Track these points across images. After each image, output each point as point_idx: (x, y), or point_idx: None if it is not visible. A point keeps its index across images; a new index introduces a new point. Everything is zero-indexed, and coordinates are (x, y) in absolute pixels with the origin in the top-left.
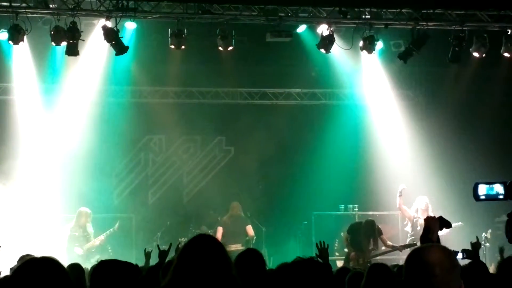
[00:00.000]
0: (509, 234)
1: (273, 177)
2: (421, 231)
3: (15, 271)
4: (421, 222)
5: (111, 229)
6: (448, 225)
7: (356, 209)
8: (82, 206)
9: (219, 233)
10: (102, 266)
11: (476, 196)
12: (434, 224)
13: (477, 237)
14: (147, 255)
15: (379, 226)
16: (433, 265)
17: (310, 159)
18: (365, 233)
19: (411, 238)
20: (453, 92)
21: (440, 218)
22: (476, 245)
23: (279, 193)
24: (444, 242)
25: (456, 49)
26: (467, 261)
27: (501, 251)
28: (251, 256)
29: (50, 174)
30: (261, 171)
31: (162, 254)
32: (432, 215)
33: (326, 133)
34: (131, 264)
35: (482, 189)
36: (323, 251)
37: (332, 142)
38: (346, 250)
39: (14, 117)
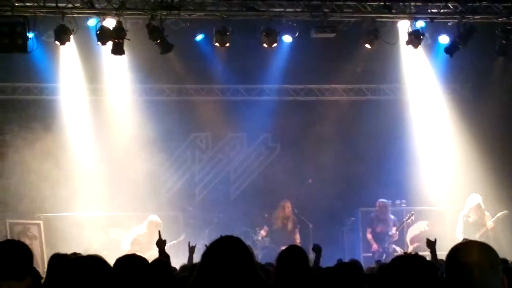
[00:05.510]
0: None
1: (319, 173)
2: (470, 229)
3: (62, 269)
4: (471, 220)
5: (176, 240)
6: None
7: (404, 205)
8: (151, 214)
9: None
10: (125, 259)
11: None
12: None
13: None
14: (191, 250)
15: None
16: (471, 266)
17: (357, 155)
18: None
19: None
20: (500, 85)
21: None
22: None
23: (325, 189)
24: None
25: (503, 42)
26: None
27: None
28: (294, 253)
29: (99, 175)
30: (307, 168)
31: None
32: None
33: (372, 129)
34: (157, 261)
35: None
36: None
37: (379, 137)
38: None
39: (61, 117)
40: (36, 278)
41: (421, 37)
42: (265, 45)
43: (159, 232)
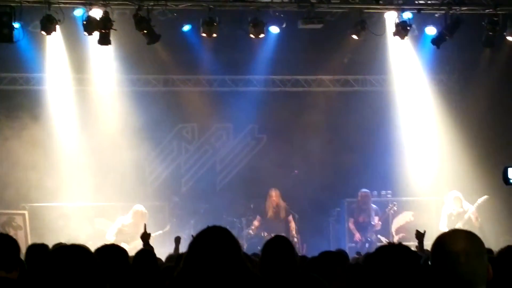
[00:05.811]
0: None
1: (306, 164)
2: (454, 222)
3: (45, 258)
4: (455, 213)
5: (161, 231)
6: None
7: (390, 195)
8: (137, 204)
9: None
10: (104, 249)
11: (506, 180)
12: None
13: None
14: (177, 240)
15: None
16: (457, 254)
17: (343, 146)
18: None
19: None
20: (487, 76)
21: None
22: None
23: (312, 179)
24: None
25: (490, 33)
26: None
27: None
28: (279, 242)
29: (85, 165)
30: (294, 158)
31: None
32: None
33: (358, 120)
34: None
35: None
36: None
37: (365, 128)
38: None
39: (48, 107)
40: (22, 270)
41: (408, 28)
42: (252, 36)
43: (144, 225)
